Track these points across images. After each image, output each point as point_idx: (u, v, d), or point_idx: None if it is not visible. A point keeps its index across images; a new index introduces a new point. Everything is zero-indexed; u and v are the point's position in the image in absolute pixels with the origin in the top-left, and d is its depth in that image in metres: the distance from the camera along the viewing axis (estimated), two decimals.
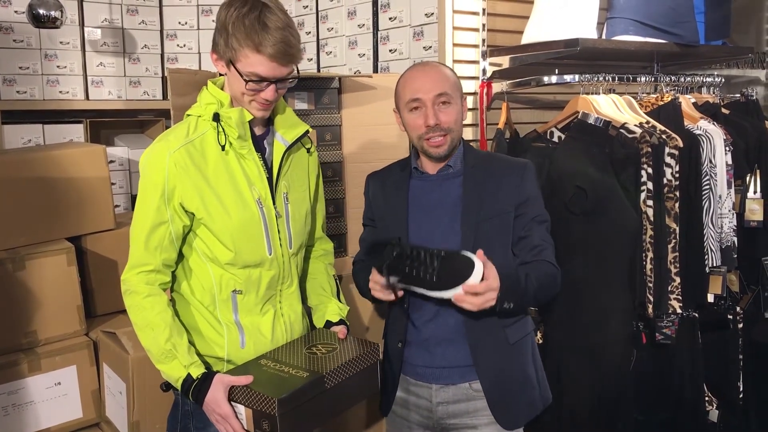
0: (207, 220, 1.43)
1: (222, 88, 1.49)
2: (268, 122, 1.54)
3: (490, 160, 1.66)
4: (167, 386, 1.50)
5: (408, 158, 1.71)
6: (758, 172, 2.38)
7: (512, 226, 1.59)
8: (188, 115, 1.50)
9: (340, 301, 1.69)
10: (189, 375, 1.40)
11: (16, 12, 3.07)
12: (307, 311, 1.68)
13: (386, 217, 1.66)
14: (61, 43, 3.23)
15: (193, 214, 1.44)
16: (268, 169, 1.51)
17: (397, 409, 1.69)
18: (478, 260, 1.40)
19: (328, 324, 1.63)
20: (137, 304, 1.44)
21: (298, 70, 1.46)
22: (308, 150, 1.62)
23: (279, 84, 1.42)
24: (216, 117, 1.43)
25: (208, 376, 1.40)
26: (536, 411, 1.65)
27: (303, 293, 1.68)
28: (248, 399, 1.36)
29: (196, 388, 1.39)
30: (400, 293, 1.52)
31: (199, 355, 1.47)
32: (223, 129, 1.43)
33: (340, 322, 1.63)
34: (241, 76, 1.38)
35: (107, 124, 3.48)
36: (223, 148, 1.44)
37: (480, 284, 1.39)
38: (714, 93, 2.56)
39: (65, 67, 3.26)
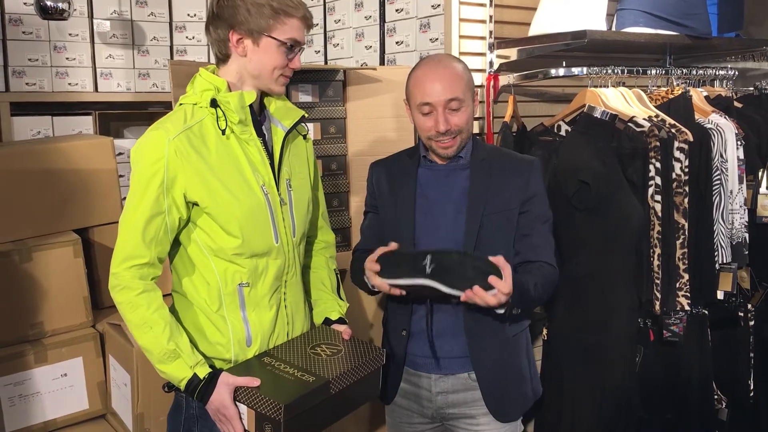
0: (212, 208, 1.39)
1: (214, 74, 1.46)
2: (262, 108, 1.52)
3: (498, 155, 1.67)
4: (170, 387, 1.47)
5: (416, 147, 1.71)
6: None
7: (516, 223, 1.60)
8: (181, 104, 1.46)
9: (340, 296, 1.67)
10: (195, 375, 1.37)
11: (25, 4, 3.08)
12: (309, 304, 1.67)
13: (392, 205, 1.66)
14: (70, 35, 3.24)
15: (195, 204, 1.40)
16: (269, 154, 1.48)
17: (397, 398, 1.70)
18: (505, 266, 1.42)
19: (327, 321, 1.61)
20: (131, 301, 1.38)
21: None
22: (304, 137, 1.60)
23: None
24: (214, 102, 1.40)
25: (214, 376, 1.38)
26: (528, 404, 1.69)
27: (305, 284, 1.66)
28: (253, 401, 1.35)
29: (202, 388, 1.37)
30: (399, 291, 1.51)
31: (203, 354, 1.45)
32: (223, 113, 1.40)
33: (340, 320, 1.62)
34: (283, 43, 1.40)
35: (116, 116, 3.50)
36: (223, 132, 1.40)
37: (504, 283, 1.40)
38: (727, 86, 2.52)
39: (74, 59, 3.26)
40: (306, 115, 1.57)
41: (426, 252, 1.46)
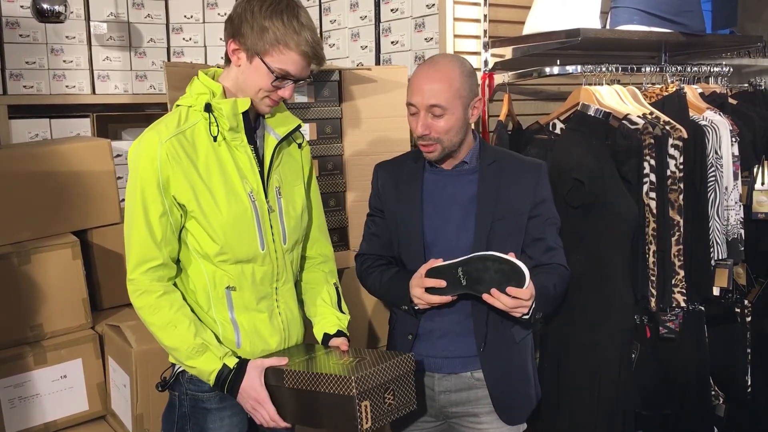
0: (198, 213, 1.40)
1: (213, 78, 1.47)
2: (258, 114, 1.51)
3: (506, 159, 1.65)
4: (163, 386, 1.48)
5: (419, 150, 1.70)
6: (765, 163, 2.35)
7: (525, 227, 1.60)
8: (178, 105, 1.47)
9: (341, 310, 1.62)
10: (225, 365, 1.39)
11: (21, 7, 3.09)
12: (305, 320, 1.64)
13: (399, 210, 1.65)
14: (67, 37, 3.25)
15: (184, 206, 1.41)
16: (260, 162, 1.48)
17: None
18: (527, 271, 1.43)
19: (326, 336, 1.57)
20: (152, 305, 1.39)
21: (311, 74, 1.47)
22: (299, 145, 1.60)
23: (297, 83, 1.43)
24: (208, 107, 1.41)
25: (243, 363, 1.40)
26: (533, 405, 1.69)
27: (299, 294, 1.64)
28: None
29: (233, 378, 1.38)
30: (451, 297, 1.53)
31: None
32: (215, 119, 1.41)
33: (339, 333, 1.57)
34: (271, 71, 1.38)
35: (114, 118, 3.51)
36: (215, 138, 1.41)
37: (524, 291, 1.42)
38: (722, 83, 2.52)
39: (71, 61, 3.27)
40: (302, 125, 1.56)
41: (457, 264, 1.48)
